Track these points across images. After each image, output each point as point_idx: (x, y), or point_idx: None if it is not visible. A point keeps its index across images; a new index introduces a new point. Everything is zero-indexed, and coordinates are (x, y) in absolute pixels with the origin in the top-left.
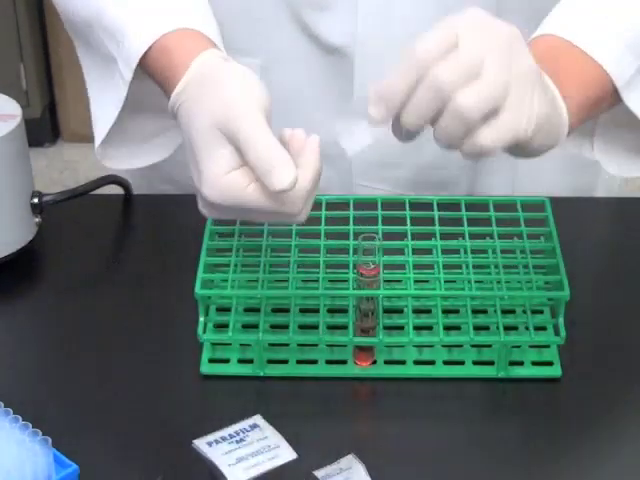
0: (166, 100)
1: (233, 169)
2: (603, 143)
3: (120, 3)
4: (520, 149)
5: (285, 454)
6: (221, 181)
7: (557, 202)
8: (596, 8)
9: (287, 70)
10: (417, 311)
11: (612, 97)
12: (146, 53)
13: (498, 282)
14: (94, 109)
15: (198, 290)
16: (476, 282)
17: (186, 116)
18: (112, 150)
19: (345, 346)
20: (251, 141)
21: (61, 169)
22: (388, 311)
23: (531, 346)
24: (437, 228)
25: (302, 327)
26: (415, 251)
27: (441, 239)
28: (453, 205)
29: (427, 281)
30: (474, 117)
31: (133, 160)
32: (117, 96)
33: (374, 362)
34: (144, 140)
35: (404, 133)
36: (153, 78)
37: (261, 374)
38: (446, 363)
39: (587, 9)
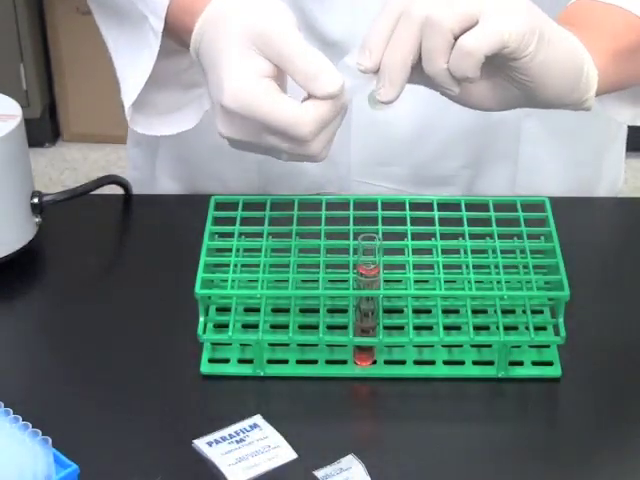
0: (191, 74)
1: (259, 77)
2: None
3: None
4: (526, 77)
5: (285, 454)
6: (244, 87)
7: (557, 202)
8: None
9: None
10: (417, 311)
11: None
12: (169, 7)
13: (498, 282)
14: (123, 74)
15: (198, 290)
16: (476, 282)
17: (211, 40)
18: (139, 116)
19: (345, 346)
20: (295, 50)
21: (61, 169)
22: (388, 311)
23: (531, 346)
24: (437, 228)
25: (302, 327)
26: (415, 251)
27: (441, 239)
28: (453, 205)
29: (427, 281)
30: (449, 25)
31: (162, 127)
32: (149, 52)
33: (374, 362)
34: (169, 111)
35: (387, 87)
36: (177, 32)
37: (261, 374)
38: (446, 363)
39: None
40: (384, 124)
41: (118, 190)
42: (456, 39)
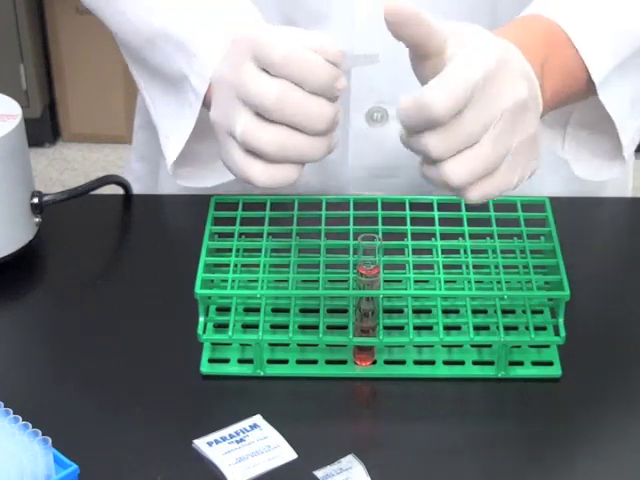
0: None
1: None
2: (574, 144)
3: (182, 17)
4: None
5: (285, 454)
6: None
7: (557, 202)
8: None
9: None
10: (417, 311)
11: (587, 88)
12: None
13: (498, 282)
14: (165, 131)
15: (198, 290)
16: (476, 282)
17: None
18: (182, 169)
19: (345, 346)
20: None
21: (61, 169)
22: (388, 311)
23: (531, 346)
24: (437, 228)
25: (302, 327)
26: (415, 251)
27: (441, 239)
28: (453, 205)
29: (427, 281)
30: (459, 186)
31: (206, 179)
32: (190, 111)
33: (374, 362)
34: (213, 160)
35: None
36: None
37: (261, 374)
38: (446, 363)
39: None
40: (382, 136)
41: (118, 190)
42: None
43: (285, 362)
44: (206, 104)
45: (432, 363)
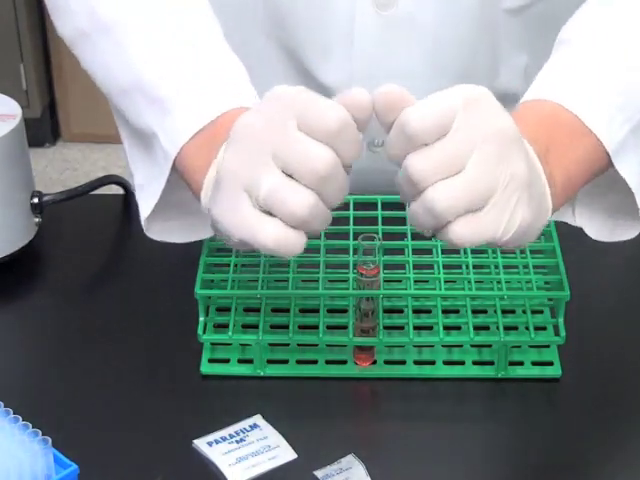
0: None
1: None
2: (585, 208)
3: (163, 71)
4: (493, 245)
5: (285, 454)
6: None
7: None
8: (586, 67)
9: None
10: (417, 311)
11: (603, 165)
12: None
13: (498, 282)
14: (138, 180)
15: (198, 290)
16: (476, 282)
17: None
18: (156, 224)
19: (345, 346)
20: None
21: (61, 169)
22: (388, 311)
23: (531, 346)
24: None
25: (302, 327)
26: (415, 251)
27: None
28: None
29: (427, 281)
30: (447, 218)
31: (182, 234)
32: (160, 172)
33: (374, 362)
34: (189, 214)
35: None
36: (184, 178)
37: (261, 374)
38: (446, 363)
39: (577, 69)
40: (382, 160)
41: (118, 190)
42: None
43: (285, 362)
44: (183, 159)
45: (432, 363)
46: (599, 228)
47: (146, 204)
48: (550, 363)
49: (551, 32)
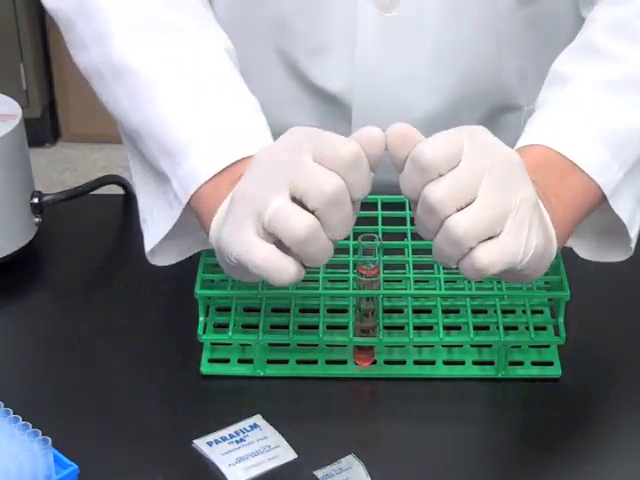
0: None
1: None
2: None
3: (177, 116)
4: (512, 275)
5: (285, 454)
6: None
7: None
8: (578, 112)
9: (282, 117)
10: (417, 311)
11: (598, 203)
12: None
13: (498, 282)
14: (143, 214)
15: (198, 290)
16: (476, 282)
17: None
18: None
19: (345, 346)
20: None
21: (61, 169)
22: (388, 311)
23: (531, 346)
24: None
25: (302, 327)
26: (415, 251)
27: None
28: None
29: (427, 281)
30: (469, 243)
31: (180, 252)
32: (169, 214)
33: (374, 362)
34: (188, 234)
35: None
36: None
37: (261, 374)
38: (446, 363)
39: (570, 114)
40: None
41: (118, 190)
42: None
43: (285, 362)
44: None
45: (432, 363)
46: (588, 247)
47: (151, 237)
48: (550, 363)
49: (551, 32)
